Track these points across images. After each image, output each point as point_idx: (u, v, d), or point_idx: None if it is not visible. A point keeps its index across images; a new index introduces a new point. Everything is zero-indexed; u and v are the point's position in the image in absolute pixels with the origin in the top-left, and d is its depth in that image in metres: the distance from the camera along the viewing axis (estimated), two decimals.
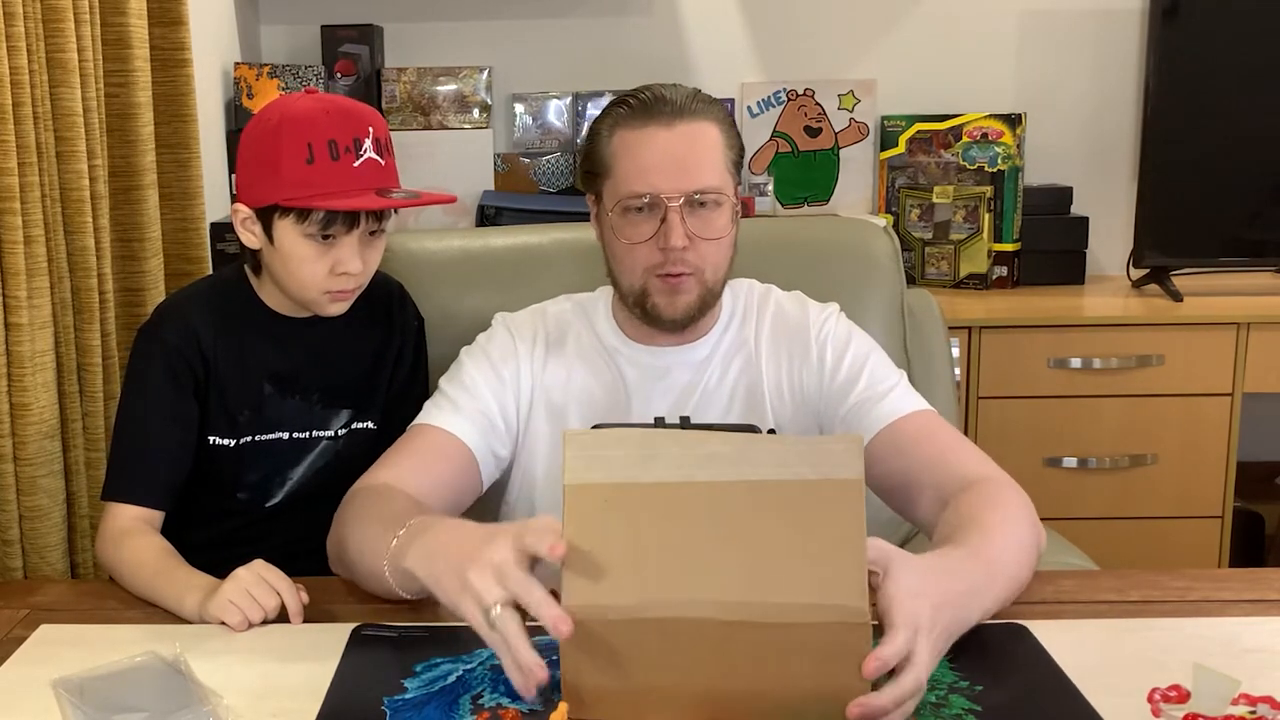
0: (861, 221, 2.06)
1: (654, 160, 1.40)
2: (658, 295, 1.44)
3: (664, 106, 1.41)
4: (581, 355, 1.53)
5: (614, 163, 1.43)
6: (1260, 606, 1.22)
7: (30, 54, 1.60)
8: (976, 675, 1.09)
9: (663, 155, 1.40)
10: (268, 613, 1.21)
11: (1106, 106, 3.01)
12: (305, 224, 1.38)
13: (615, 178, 1.43)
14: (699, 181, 1.40)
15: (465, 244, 1.88)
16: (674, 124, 1.41)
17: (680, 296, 1.44)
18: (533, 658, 1.01)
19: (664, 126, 1.41)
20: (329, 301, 1.44)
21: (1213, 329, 2.58)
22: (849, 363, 1.49)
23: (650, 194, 1.39)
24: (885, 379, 1.47)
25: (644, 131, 1.41)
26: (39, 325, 1.62)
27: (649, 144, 1.41)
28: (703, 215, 1.41)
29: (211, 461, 1.48)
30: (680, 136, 1.41)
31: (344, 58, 2.86)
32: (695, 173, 1.40)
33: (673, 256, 1.40)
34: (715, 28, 3.00)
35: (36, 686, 1.08)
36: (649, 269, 1.43)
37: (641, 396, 1.50)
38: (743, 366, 1.52)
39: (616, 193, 1.43)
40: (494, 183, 2.89)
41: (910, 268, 2.91)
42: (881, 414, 1.43)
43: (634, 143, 1.42)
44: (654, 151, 1.40)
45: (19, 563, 1.65)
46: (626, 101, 1.44)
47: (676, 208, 1.39)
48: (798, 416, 1.51)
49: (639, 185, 1.40)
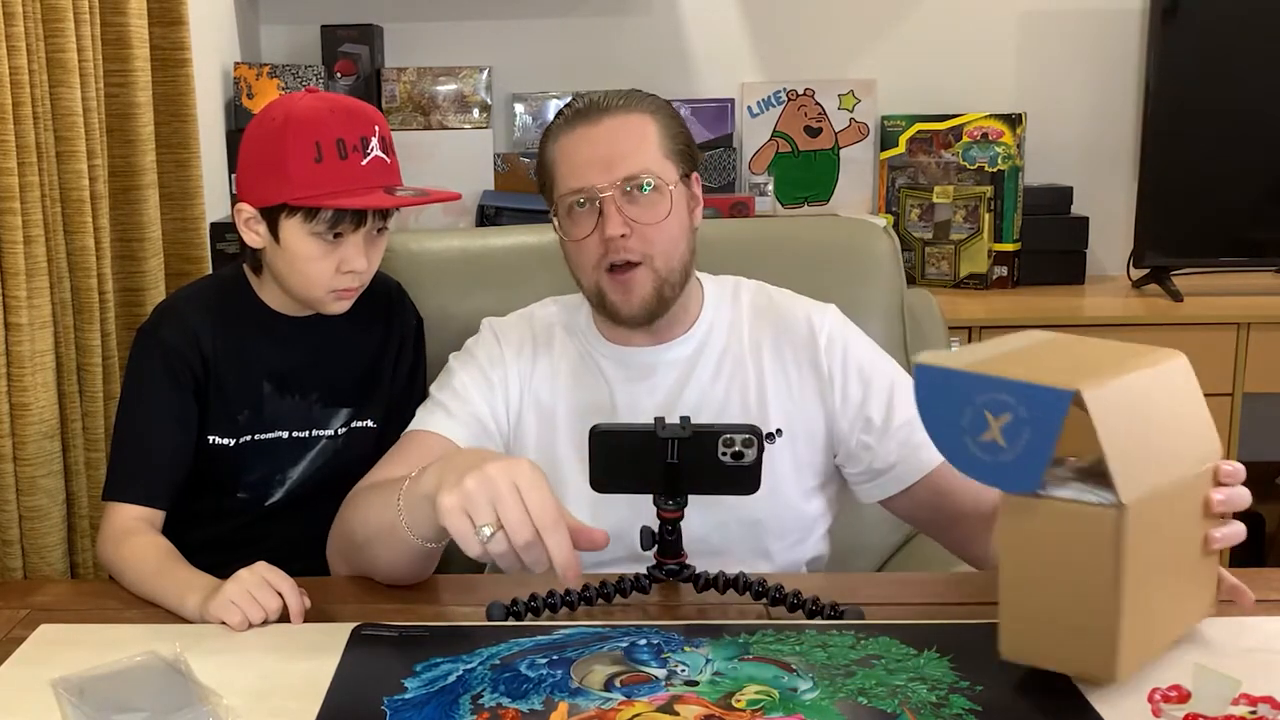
0: (861, 221, 2.06)
1: (584, 156, 1.43)
2: (611, 293, 1.46)
3: (592, 108, 1.46)
4: (567, 358, 1.54)
5: (554, 169, 1.47)
6: (1260, 606, 1.22)
7: (30, 54, 1.60)
8: (976, 675, 1.09)
9: (591, 150, 1.43)
10: (269, 614, 1.21)
11: (1106, 106, 3.01)
12: (313, 223, 1.39)
13: (555, 182, 1.47)
14: (629, 168, 1.42)
15: (465, 244, 1.88)
16: (601, 120, 1.44)
17: (634, 291, 1.45)
18: (542, 555, 1.07)
19: (592, 124, 1.44)
20: (333, 300, 1.44)
21: (1213, 329, 2.58)
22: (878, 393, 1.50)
23: (584, 188, 1.42)
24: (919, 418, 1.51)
25: (574, 132, 1.45)
26: (39, 325, 1.62)
27: (579, 142, 1.44)
28: (642, 202, 1.43)
29: (211, 461, 1.48)
30: (607, 130, 1.44)
31: (344, 58, 2.86)
32: (624, 161, 1.42)
33: (614, 246, 1.42)
34: (715, 28, 3.00)
35: (36, 686, 1.08)
36: (597, 265, 1.44)
37: (626, 397, 1.50)
38: (736, 366, 1.52)
39: (556, 196, 1.47)
40: (494, 183, 2.89)
41: (910, 268, 2.91)
42: (929, 456, 1.45)
43: (568, 145, 1.45)
44: (584, 148, 1.44)
45: (19, 563, 1.65)
46: (562, 112, 1.49)
47: (610, 197, 1.41)
48: (806, 422, 1.51)
49: (574, 182, 1.43)
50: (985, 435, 1.02)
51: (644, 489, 1.24)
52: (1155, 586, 1.06)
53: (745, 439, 1.19)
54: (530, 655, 1.14)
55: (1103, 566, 1.01)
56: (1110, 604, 1.01)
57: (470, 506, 1.09)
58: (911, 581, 1.49)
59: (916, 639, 1.16)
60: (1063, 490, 1.04)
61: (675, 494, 1.24)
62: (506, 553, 1.09)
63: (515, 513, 1.08)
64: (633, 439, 1.22)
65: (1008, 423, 1.01)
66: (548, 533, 1.08)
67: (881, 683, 1.08)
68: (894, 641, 1.16)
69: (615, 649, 1.15)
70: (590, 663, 1.12)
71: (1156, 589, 1.07)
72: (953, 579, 1.44)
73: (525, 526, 1.08)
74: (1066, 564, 1.03)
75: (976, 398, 1.02)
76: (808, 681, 1.09)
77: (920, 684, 1.08)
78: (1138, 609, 1.03)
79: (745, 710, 1.04)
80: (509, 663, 1.12)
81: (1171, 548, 1.09)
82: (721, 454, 1.20)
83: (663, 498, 1.24)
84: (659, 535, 1.26)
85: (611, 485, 1.24)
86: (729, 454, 1.20)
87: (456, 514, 1.09)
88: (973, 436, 1.03)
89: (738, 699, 1.06)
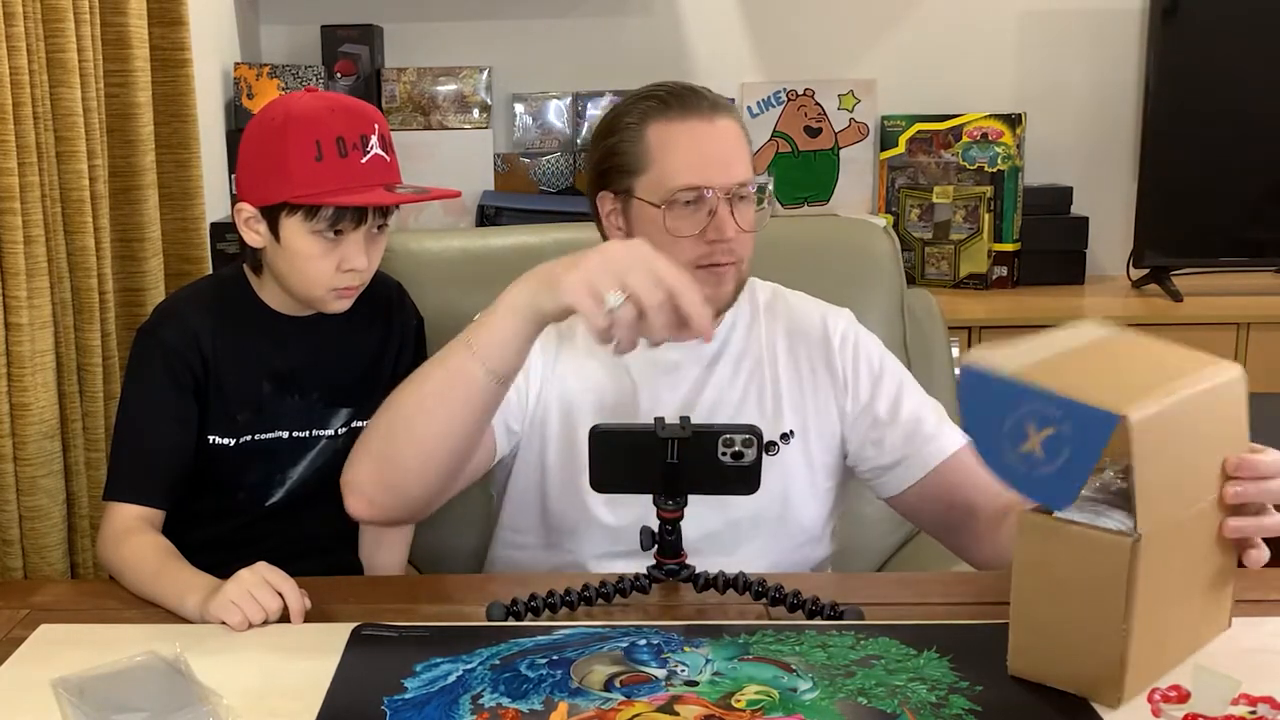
0: (861, 221, 2.06)
1: (703, 153, 1.42)
2: (701, 285, 1.44)
3: (702, 104, 1.43)
4: (590, 350, 1.52)
5: (654, 156, 1.43)
6: (1260, 606, 1.22)
7: (30, 54, 1.60)
8: (976, 675, 1.09)
9: (712, 147, 1.42)
10: (269, 614, 1.21)
11: (1106, 106, 3.01)
12: (314, 221, 1.39)
13: (658, 171, 1.43)
14: (741, 174, 1.43)
15: (465, 244, 1.88)
16: (714, 119, 1.43)
17: (723, 286, 1.45)
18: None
19: (705, 121, 1.42)
20: (334, 299, 1.44)
21: (1213, 329, 2.58)
22: (886, 391, 1.52)
23: (702, 185, 1.40)
24: (928, 414, 1.52)
25: (684, 125, 1.42)
26: (39, 325, 1.62)
27: (697, 137, 1.42)
28: (741, 208, 1.43)
29: (211, 461, 1.48)
30: (722, 131, 1.43)
31: (344, 58, 2.86)
32: (736, 167, 1.43)
33: (721, 248, 1.42)
34: (715, 28, 3.00)
35: (36, 686, 1.08)
36: (692, 261, 1.41)
37: (649, 391, 1.50)
38: (755, 367, 1.52)
39: (662, 186, 1.42)
40: (494, 183, 2.89)
41: (910, 268, 2.91)
42: (942, 445, 1.47)
43: (679, 135, 1.42)
44: (703, 144, 1.42)
45: (19, 563, 1.65)
46: (655, 95, 1.45)
47: (726, 200, 1.41)
48: (820, 423, 1.52)
49: (692, 179, 1.41)
50: (1025, 446, 1.02)
51: (644, 489, 1.24)
52: (1167, 611, 1.06)
53: (745, 439, 1.19)
54: (530, 655, 1.14)
55: (1115, 593, 1.01)
56: (1120, 629, 1.02)
57: (596, 279, 1.15)
58: (911, 581, 1.49)
59: (916, 639, 1.16)
60: (1081, 511, 1.03)
61: (675, 494, 1.24)
62: (631, 323, 1.15)
63: (646, 277, 1.14)
64: (633, 439, 1.22)
65: (1050, 436, 1.00)
66: (681, 292, 1.15)
67: (881, 683, 1.08)
68: (894, 642, 1.16)
69: (615, 649, 1.15)
70: (590, 663, 1.12)
71: (1169, 614, 1.07)
72: (953, 579, 1.44)
73: (658, 288, 1.14)
74: (1079, 587, 1.03)
75: (1022, 406, 1.01)
76: (807, 682, 1.09)
77: (920, 684, 1.08)
78: (1148, 634, 1.03)
79: (745, 710, 1.04)
80: (509, 663, 1.12)
81: (1186, 573, 1.09)
82: (721, 454, 1.20)
83: (663, 498, 1.24)
84: (659, 535, 1.26)
85: (612, 485, 1.25)
86: (729, 454, 1.20)
87: (580, 288, 1.15)
88: (1012, 445, 1.02)
89: (738, 699, 1.06)
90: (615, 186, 1.47)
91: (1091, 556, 1.02)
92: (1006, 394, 1.02)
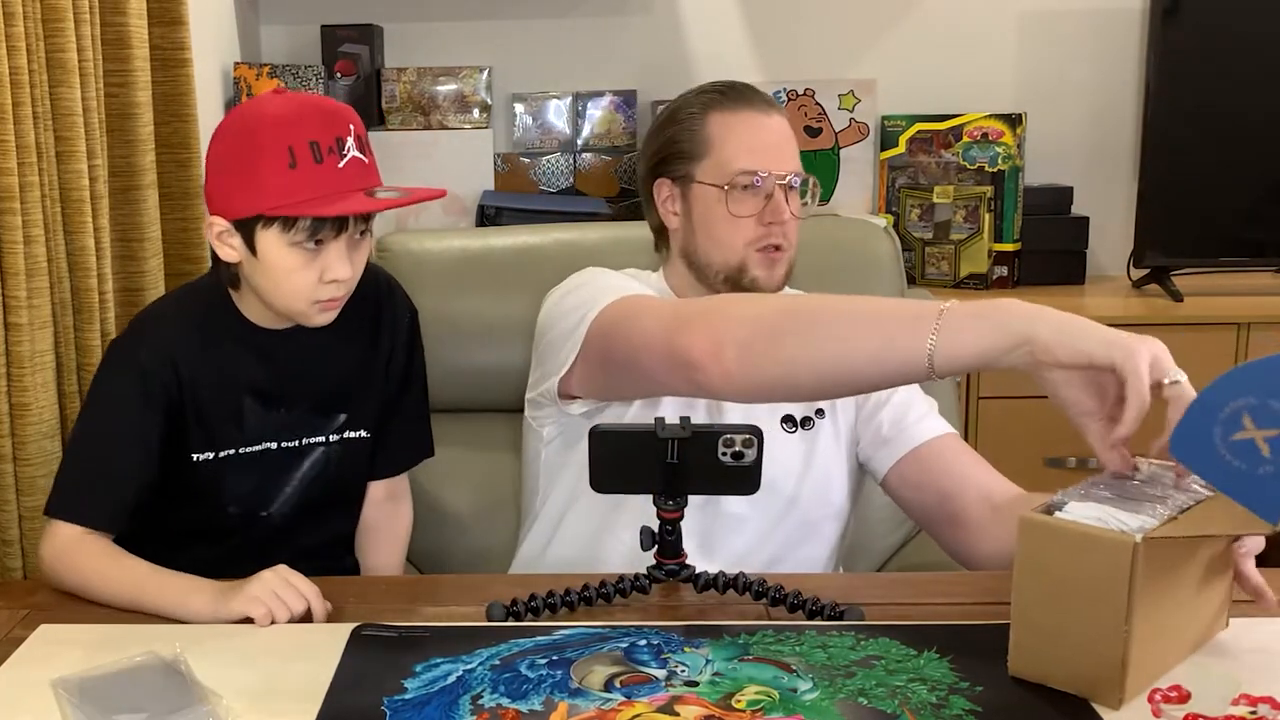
0: (862, 221, 2.06)
1: (764, 141, 1.53)
2: (758, 269, 1.53)
3: (758, 100, 1.56)
4: None
5: (715, 142, 1.54)
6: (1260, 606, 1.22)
7: (30, 54, 1.60)
8: (976, 675, 1.09)
9: (771, 137, 1.54)
10: (294, 614, 1.21)
11: (1106, 106, 3.01)
12: (292, 232, 1.31)
13: (720, 156, 1.53)
14: (796, 165, 1.55)
15: (465, 244, 1.88)
16: (770, 113, 1.55)
17: (777, 268, 1.55)
18: None
19: (762, 113, 1.55)
20: (318, 312, 1.38)
21: (1213, 329, 2.58)
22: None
23: (763, 171, 1.51)
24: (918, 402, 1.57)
25: (744, 115, 1.54)
26: (39, 325, 1.62)
27: (755, 127, 1.54)
28: (793, 197, 1.54)
29: (196, 476, 1.43)
30: (778, 124, 1.56)
31: (344, 58, 2.85)
32: (789, 158, 1.54)
33: (777, 231, 1.52)
34: (715, 28, 3.00)
35: (36, 686, 1.08)
36: (750, 243, 1.52)
37: None
38: None
39: (725, 169, 1.52)
40: (494, 183, 2.89)
41: (910, 268, 2.91)
42: (922, 430, 1.52)
43: (738, 124, 1.54)
44: (762, 134, 1.54)
45: (19, 563, 1.65)
46: (716, 89, 1.57)
47: (783, 186, 1.52)
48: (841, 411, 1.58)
49: (754, 163, 1.51)
50: (1238, 435, 0.99)
51: (644, 489, 1.24)
52: (1169, 612, 1.07)
53: (745, 439, 1.19)
54: (530, 655, 1.14)
55: (1116, 594, 1.01)
56: (1122, 630, 1.02)
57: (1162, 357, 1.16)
58: (911, 581, 1.50)
59: (916, 639, 1.16)
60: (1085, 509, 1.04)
61: (675, 494, 1.24)
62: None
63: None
64: (633, 439, 1.22)
65: (1276, 436, 0.98)
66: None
67: (881, 683, 1.08)
68: (894, 642, 1.16)
69: (615, 649, 1.15)
70: (590, 663, 1.12)
71: (1170, 614, 1.07)
72: (953, 579, 1.44)
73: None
74: (1080, 588, 1.03)
75: (1232, 402, 0.99)
76: (807, 682, 1.09)
77: (920, 684, 1.08)
78: (1149, 635, 1.03)
79: (745, 711, 1.04)
80: (509, 663, 1.12)
81: (1188, 573, 1.09)
82: (721, 454, 1.20)
83: (662, 498, 1.24)
84: (659, 535, 1.26)
85: (612, 485, 1.25)
86: (729, 454, 1.20)
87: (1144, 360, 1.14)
88: (1225, 439, 1.00)
89: (738, 699, 1.06)
90: (674, 173, 1.56)
91: (1093, 557, 1.02)
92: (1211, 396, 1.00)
